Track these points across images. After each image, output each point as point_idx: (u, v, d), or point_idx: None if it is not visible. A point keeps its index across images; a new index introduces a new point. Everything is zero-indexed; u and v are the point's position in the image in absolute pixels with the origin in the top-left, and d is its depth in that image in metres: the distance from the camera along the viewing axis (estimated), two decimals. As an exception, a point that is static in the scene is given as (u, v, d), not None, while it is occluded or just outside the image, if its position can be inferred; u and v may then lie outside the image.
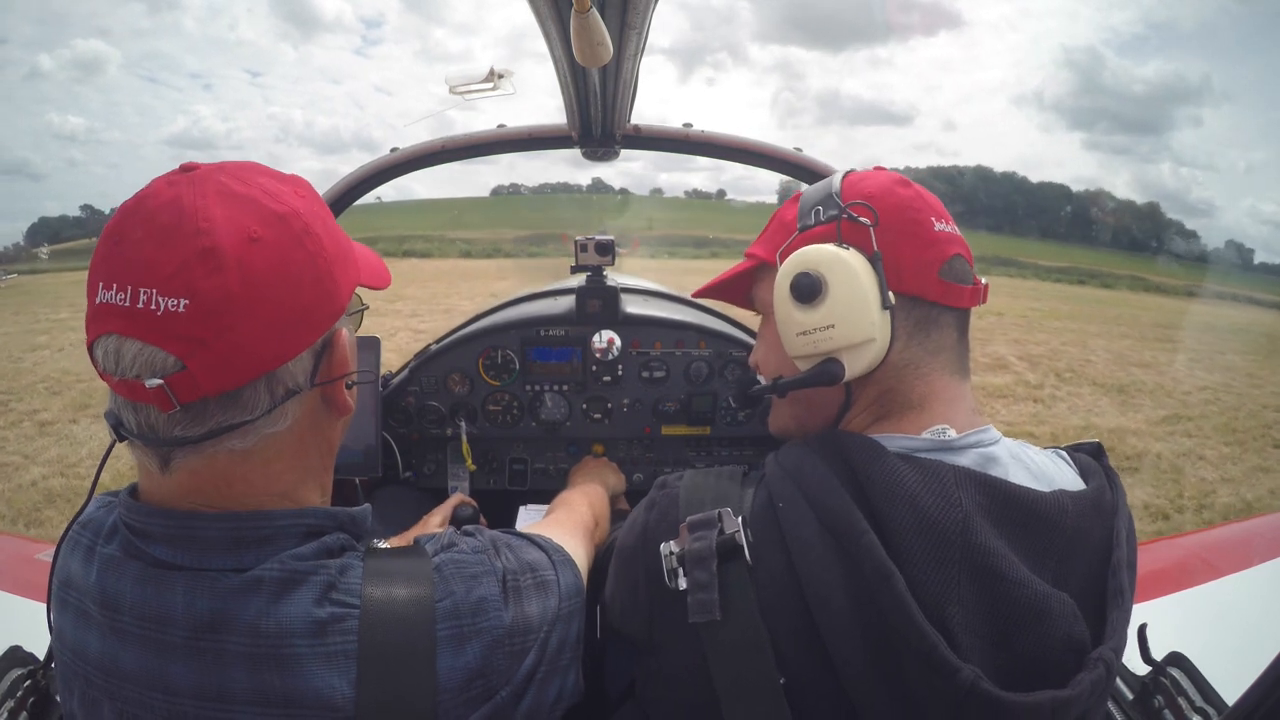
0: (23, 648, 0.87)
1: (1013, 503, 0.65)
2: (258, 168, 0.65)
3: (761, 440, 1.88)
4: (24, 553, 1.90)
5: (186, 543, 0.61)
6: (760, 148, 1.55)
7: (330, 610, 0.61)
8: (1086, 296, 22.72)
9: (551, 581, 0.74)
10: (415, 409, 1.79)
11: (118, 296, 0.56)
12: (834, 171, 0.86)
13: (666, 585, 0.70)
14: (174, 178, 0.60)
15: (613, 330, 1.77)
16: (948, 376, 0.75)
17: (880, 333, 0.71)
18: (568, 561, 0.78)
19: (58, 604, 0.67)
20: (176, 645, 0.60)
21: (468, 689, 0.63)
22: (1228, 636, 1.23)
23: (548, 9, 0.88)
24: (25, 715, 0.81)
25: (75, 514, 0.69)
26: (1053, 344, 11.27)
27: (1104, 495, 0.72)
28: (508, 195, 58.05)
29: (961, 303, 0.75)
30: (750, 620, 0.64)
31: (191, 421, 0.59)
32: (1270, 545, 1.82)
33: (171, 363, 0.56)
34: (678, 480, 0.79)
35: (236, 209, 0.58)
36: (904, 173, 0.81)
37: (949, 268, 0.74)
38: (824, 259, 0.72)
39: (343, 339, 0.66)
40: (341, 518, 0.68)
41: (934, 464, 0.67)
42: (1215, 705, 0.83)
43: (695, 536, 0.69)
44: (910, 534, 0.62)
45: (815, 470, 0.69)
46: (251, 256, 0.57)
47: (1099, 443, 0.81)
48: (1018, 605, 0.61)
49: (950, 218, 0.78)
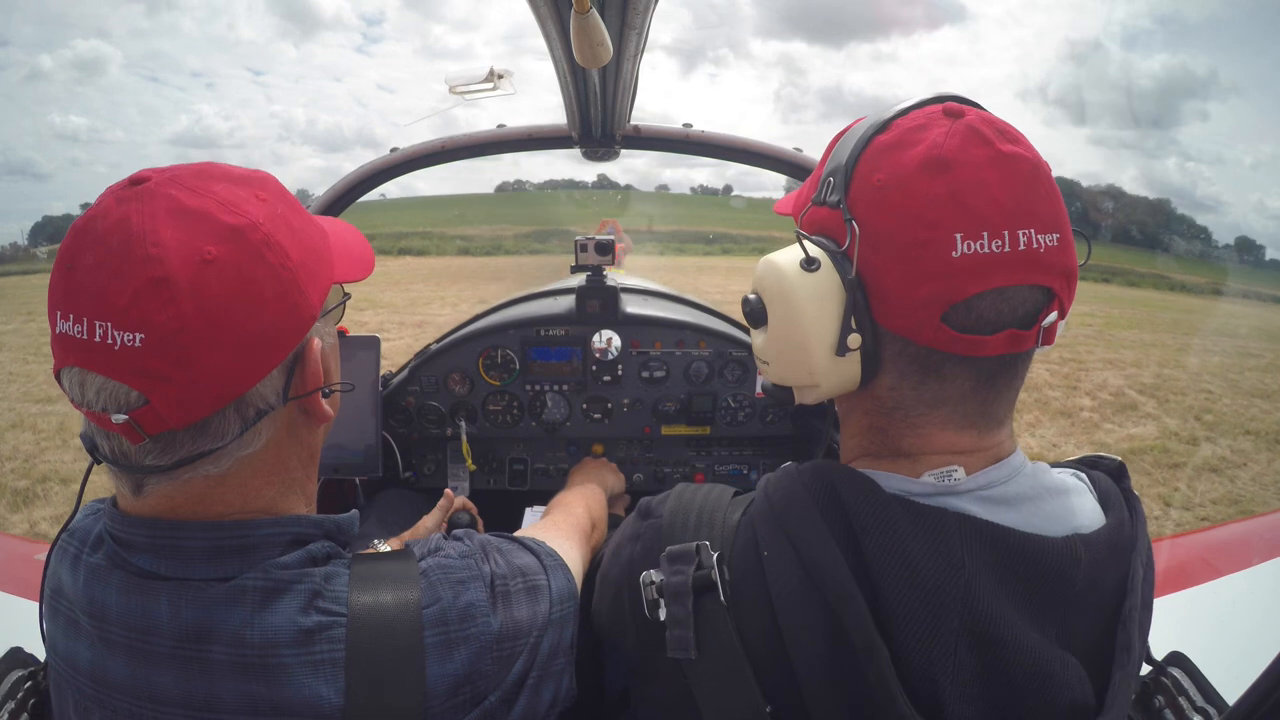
0: (23, 649, 0.87)
1: (1020, 556, 0.58)
2: (215, 170, 0.61)
3: (761, 440, 1.88)
4: (24, 553, 1.90)
5: (169, 552, 0.60)
6: (759, 147, 1.55)
7: (316, 619, 0.60)
8: (1122, 297, 21.27)
9: (542, 586, 0.73)
10: (415, 409, 1.79)
11: (75, 329, 0.54)
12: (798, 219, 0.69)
13: (647, 616, 0.67)
14: (123, 193, 0.57)
15: (613, 330, 1.77)
16: (953, 432, 0.61)
17: (827, 379, 0.61)
18: (560, 566, 0.78)
19: (49, 613, 0.67)
20: (163, 655, 0.59)
21: (455, 695, 0.63)
22: (1228, 636, 1.23)
23: (548, 10, 0.88)
24: (25, 717, 0.81)
25: (64, 524, 0.69)
26: (1149, 364, 9.56)
27: (1121, 531, 0.64)
28: (512, 192, 57.91)
29: (982, 351, 0.57)
30: (731, 653, 0.62)
31: (161, 451, 0.58)
32: (1270, 545, 1.83)
33: (135, 397, 0.55)
34: (661, 505, 0.74)
35: (187, 228, 0.55)
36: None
37: (964, 310, 0.56)
38: (768, 283, 0.63)
39: (314, 350, 0.63)
40: (327, 525, 0.67)
41: (936, 514, 0.59)
42: (1216, 705, 0.83)
43: (674, 570, 0.66)
44: (904, 598, 0.57)
45: (805, 516, 0.61)
46: (206, 281, 0.54)
47: (1121, 462, 0.71)
48: (1019, 672, 0.57)
49: (1029, 222, 0.56)
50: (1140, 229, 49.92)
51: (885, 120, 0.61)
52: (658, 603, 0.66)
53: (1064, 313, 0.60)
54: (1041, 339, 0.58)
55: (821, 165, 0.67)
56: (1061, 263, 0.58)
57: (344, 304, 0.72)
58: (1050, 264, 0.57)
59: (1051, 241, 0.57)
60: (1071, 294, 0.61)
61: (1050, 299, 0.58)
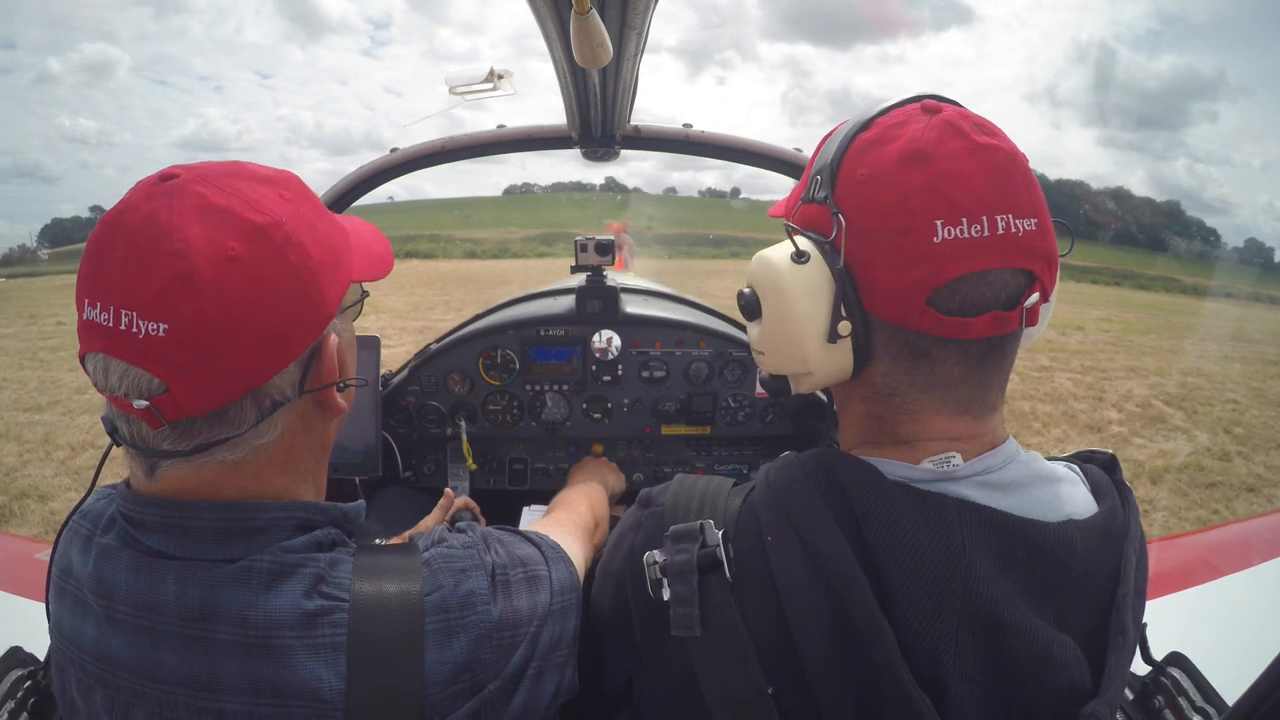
0: (23, 648, 0.87)
1: (1019, 540, 0.60)
2: (243, 169, 0.63)
3: (761, 440, 1.88)
4: (24, 553, 1.90)
5: (179, 532, 0.62)
6: (759, 147, 1.55)
7: (319, 603, 0.61)
8: (1135, 301, 21.10)
9: (543, 576, 0.74)
10: (415, 409, 1.79)
11: (101, 316, 0.57)
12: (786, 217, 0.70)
13: (650, 597, 0.67)
14: (153, 189, 0.59)
15: (613, 330, 1.77)
16: (946, 418, 0.63)
17: (820, 367, 0.64)
18: (562, 558, 0.78)
19: (56, 592, 0.68)
20: (168, 634, 0.60)
21: (454, 682, 0.64)
22: (1228, 636, 1.23)
23: (548, 10, 0.88)
24: (26, 716, 0.81)
25: (76, 504, 0.70)
26: (1172, 371, 9.31)
27: (1114, 519, 0.66)
28: (520, 194, 57.89)
29: (967, 334, 0.60)
30: (734, 632, 0.62)
31: (180, 437, 0.60)
32: (1270, 545, 1.83)
33: (156, 384, 0.57)
34: (662, 494, 0.75)
35: (214, 225, 0.57)
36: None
37: (948, 294, 0.58)
38: (761, 277, 0.65)
39: (330, 346, 0.65)
40: (334, 513, 0.69)
41: (937, 499, 0.61)
42: (1215, 705, 0.83)
43: (678, 549, 0.66)
44: (908, 581, 0.58)
45: (808, 502, 0.63)
46: (230, 278, 0.57)
47: (1113, 455, 0.74)
48: (1019, 653, 0.58)
49: (1007, 208, 0.58)
50: (1149, 231, 49.55)
51: (867, 120, 0.64)
52: (661, 582, 0.66)
53: (1046, 295, 0.62)
54: (1025, 320, 0.60)
55: (810, 165, 0.69)
56: (1041, 247, 0.60)
57: (362, 302, 0.74)
58: (1029, 248, 0.59)
59: (1030, 226, 0.59)
60: (1053, 277, 0.63)
61: (1031, 282, 0.60)
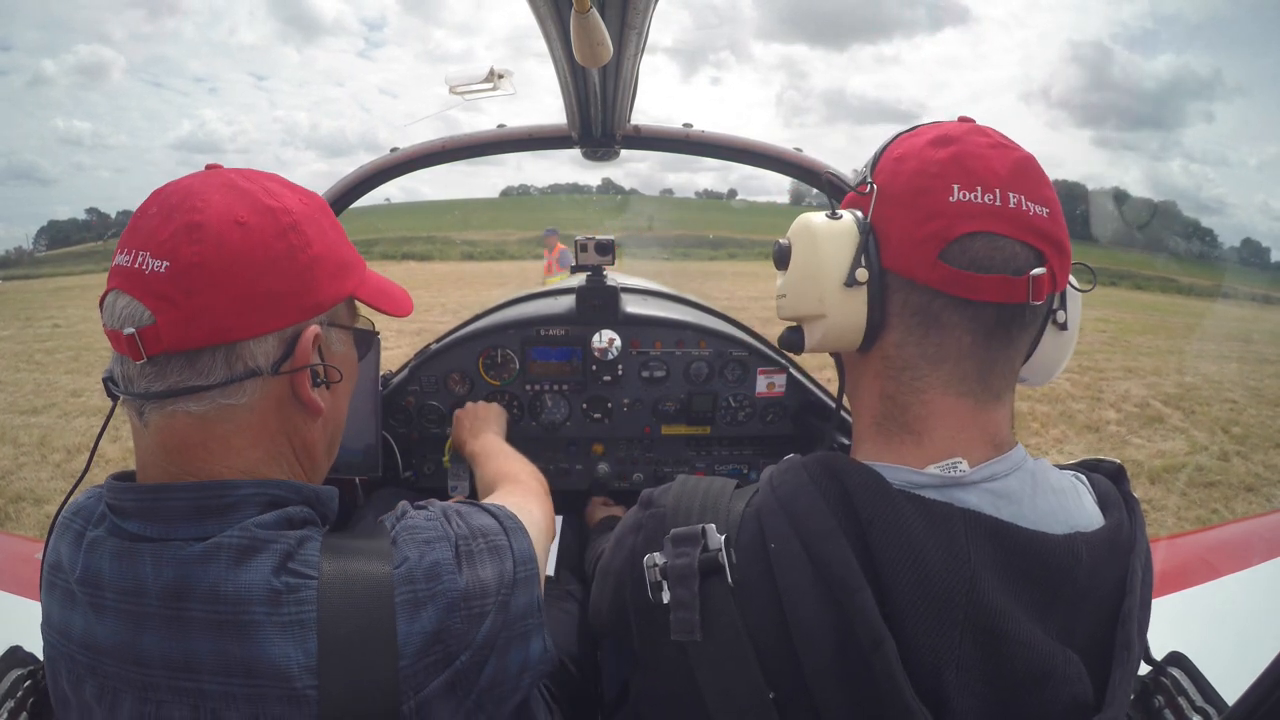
0: (23, 648, 0.87)
1: (1024, 552, 0.60)
2: (276, 176, 0.71)
3: (762, 440, 1.88)
4: (24, 552, 1.90)
5: (153, 514, 0.64)
6: (760, 147, 1.55)
7: (286, 580, 0.62)
8: (1132, 301, 20.99)
9: (504, 546, 0.74)
10: (415, 409, 1.79)
11: (125, 259, 0.64)
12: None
13: (650, 600, 0.68)
14: (196, 173, 0.69)
15: (613, 330, 1.77)
16: (953, 398, 0.65)
17: (835, 310, 0.66)
18: (520, 529, 0.79)
19: (46, 587, 0.70)
20: (150, 615, 0.61)
21: (426, 654, 0.64)
22: (1228, 636, 1.23)
23: (547, 9, 0.88)
24: (25, 716, 0.81)
25: (63, 500, 0.72)
26: (1169, 371, 9.34)
27: (1121, 532, 0.66)
28: (517, 196, 58.01)
29: (977, 295, 0.62)
30: (735, 638, 0.63)
31: (156, 376, 0.64)
32: (1270, 545, 1.82)
33: (146, 315, 0.62)
34: (664, 495, 0.76)
35: (233, 198, 0.65)
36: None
37: (959, 250, 0.62)
38: (797, 226, 0.71)
39: (309, 334, 0.68)
40: (306, 492, 0.70)
41: (942, 508, 0.61)
42: (1215, 705, 0.83)
43: (678, 552, 0.67)
44: (911, 592, 0.58)
45: (813, 509, 0.63)
46: (232, 235, 0.63)
47: (1120, 464, 0.74)
48: (1021, 667, 0.58)
49: (1020, 190, 0.63)
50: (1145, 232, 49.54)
51: (913, 126, 0.73)
52: (660, 584, 0.67)
53: (1058, 284, 0.65)
54: (1032, 292, 0.62)
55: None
56: (1051, 232, 0.64)
57: (370, 335, 0.82)
58: (1039, 229, 0.63)
59: (1041, 211, 0.63)
60: (1064, 267, 0.66)
61: (1041, 260, 0.63)
